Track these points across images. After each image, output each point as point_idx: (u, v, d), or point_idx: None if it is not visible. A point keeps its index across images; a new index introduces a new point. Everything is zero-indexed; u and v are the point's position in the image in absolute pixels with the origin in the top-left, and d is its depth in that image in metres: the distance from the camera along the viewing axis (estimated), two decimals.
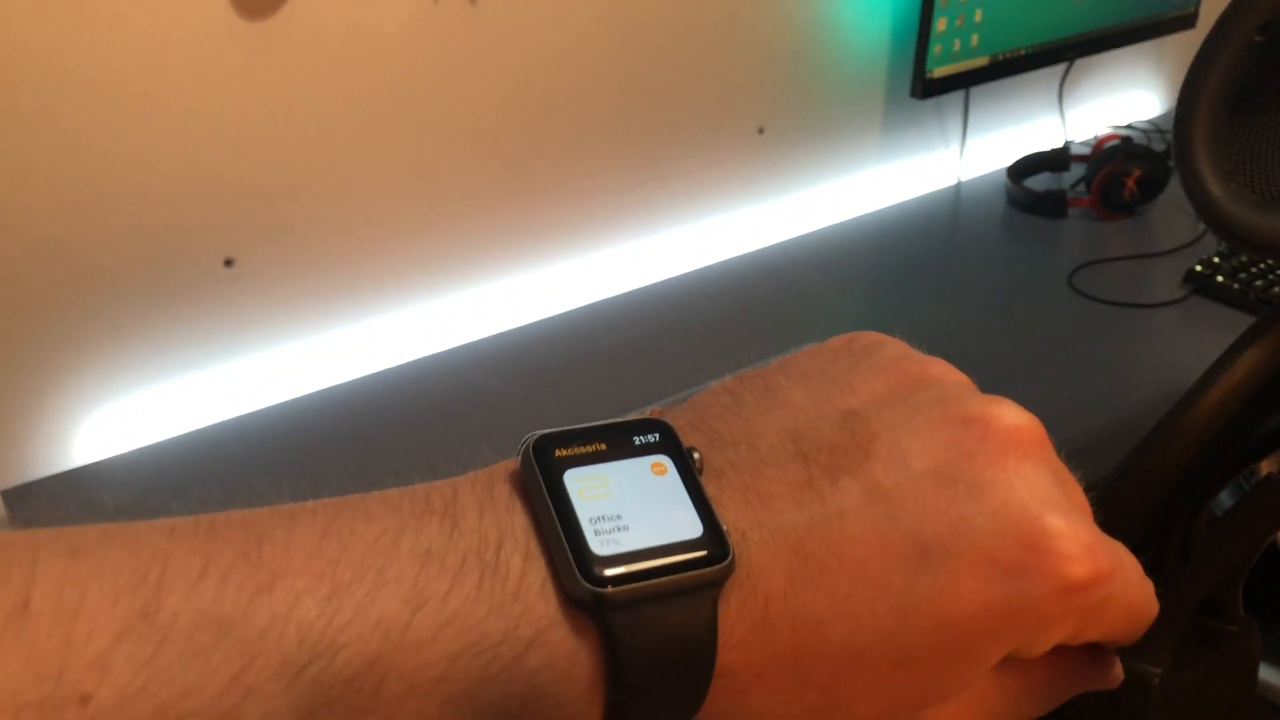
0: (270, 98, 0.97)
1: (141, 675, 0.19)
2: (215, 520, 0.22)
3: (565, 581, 0.22)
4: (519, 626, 0.22)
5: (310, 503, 0.23)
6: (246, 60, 0.95)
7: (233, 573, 0.21)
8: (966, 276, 1.31)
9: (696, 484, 0.24)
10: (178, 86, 0.92)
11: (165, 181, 0.95)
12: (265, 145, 0.99)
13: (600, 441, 0.25)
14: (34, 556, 0.20)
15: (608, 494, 0.24)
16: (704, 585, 0.23)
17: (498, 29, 1.07)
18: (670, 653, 0.23)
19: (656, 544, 0.23)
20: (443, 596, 0.22)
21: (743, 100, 1.30)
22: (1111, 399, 1.02)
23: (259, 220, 1.01)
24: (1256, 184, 0.68)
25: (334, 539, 0.22)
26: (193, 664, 0.20)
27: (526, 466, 0.24)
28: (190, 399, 1.02)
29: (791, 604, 0.23)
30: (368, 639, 0.21)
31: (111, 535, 0.21)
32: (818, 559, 0.23)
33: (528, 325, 1.19)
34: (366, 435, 1.01)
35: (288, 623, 0.20)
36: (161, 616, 0.20)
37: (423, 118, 1.07)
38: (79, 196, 0.91)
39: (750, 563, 0.24)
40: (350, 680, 0.20)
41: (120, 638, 0.19)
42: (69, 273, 0.93)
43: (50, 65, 0.86)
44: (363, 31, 1.00)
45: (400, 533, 0.22)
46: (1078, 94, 1.64)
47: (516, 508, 0.24)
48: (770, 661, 0.23)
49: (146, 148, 0.93)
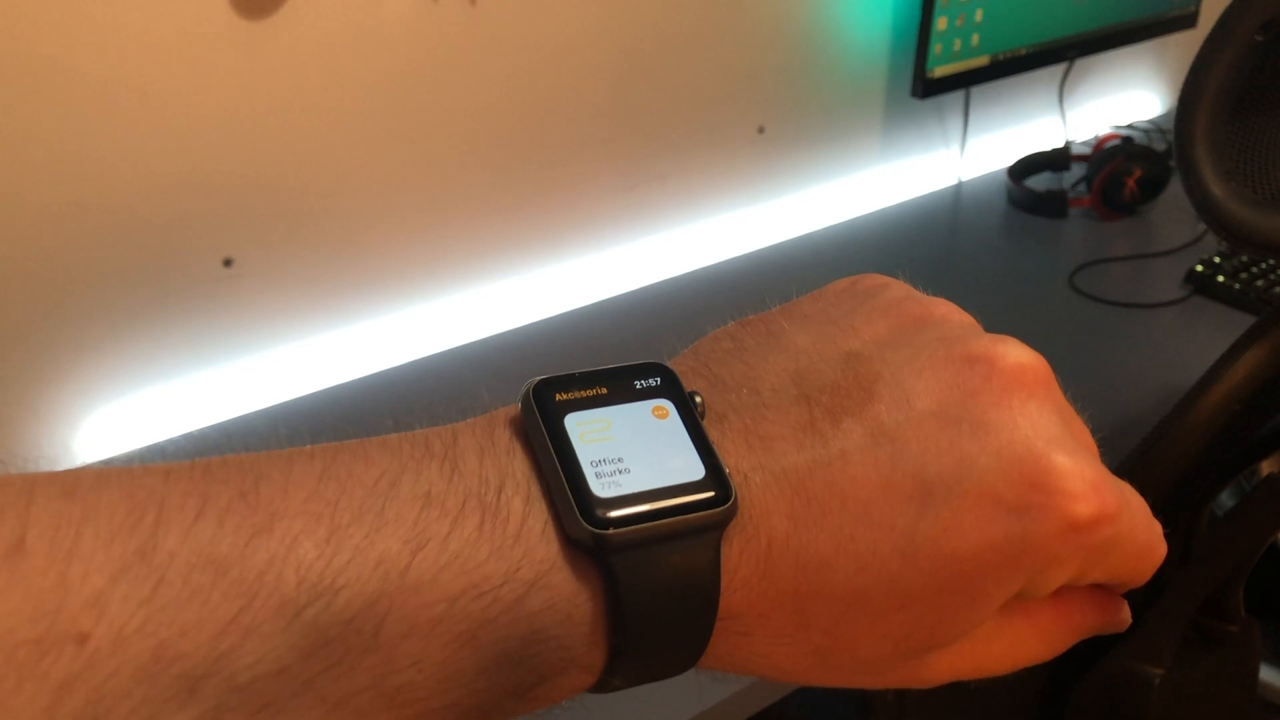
0: (270, 97, 0.97)
1: (139, 615, 0.19)
2: (211, 463, 0.22)
3: (566, 523, 0.22)
4: (520, 569, 0.22)
5: (308, 446, 0.23)
6: (246, 60, 0.94)
7: (230, 513, 0.20)
8: (967, 276, 1.31)
9: (698, 427, 0.24)
10: (177, 86, 0.92)
11: (164, 181, 0.95)
12: (265, 145, 0.98)
13: (601, 385, 0.25)
14: (29, 497, 0.20)
15: (609, 437, 0.24)
16: (706, 527, 0.23)
17: (497, 29, 1.07)
18: (672, 595, 0.22)
19: (658, 486, 0.23)
20: (443, 538, 0.21)
21: (743, 100, 1.30)
22: (1112, 399, 1.02)
23: (258, 220, 1.01)
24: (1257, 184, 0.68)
25: (332, 481, 0.22)
26: (190, 604, 0.19)
27: (527, 410, 0.24)
28: (190, 399, 1.02)
29: (794, 545, 0.23)
30: (367, 580, 0.21)
31: (107, 477, 0.21)
32: (820, 500, 0.23)
33: (527, 326, 1.18)
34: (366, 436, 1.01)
35: (286, 563, 0.20)
36: (158, 557, 0.19)
37: (422, 117, 1.07)
38: (78, 196, 0.91)
39: (752, 505, 0.23)
40: (350, 621, 0.20)
41: (117, 577, 0.19)
42: (68, 273, 0.93)
43: (49, 65, 0.86)
44: (362, 31, 1.00)
45: (399, 475, 0.22)
46: (1078, 94, 1.64)
47: (517, 451, 0.24)
48: (773, 603, 0.23)
49: (145, 147, 0.93)
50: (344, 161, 1.04)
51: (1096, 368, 1.10)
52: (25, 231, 0.90)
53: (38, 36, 0.85)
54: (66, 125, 0.88)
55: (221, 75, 0.94)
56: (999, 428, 0.23)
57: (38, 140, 0.88)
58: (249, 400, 1.05)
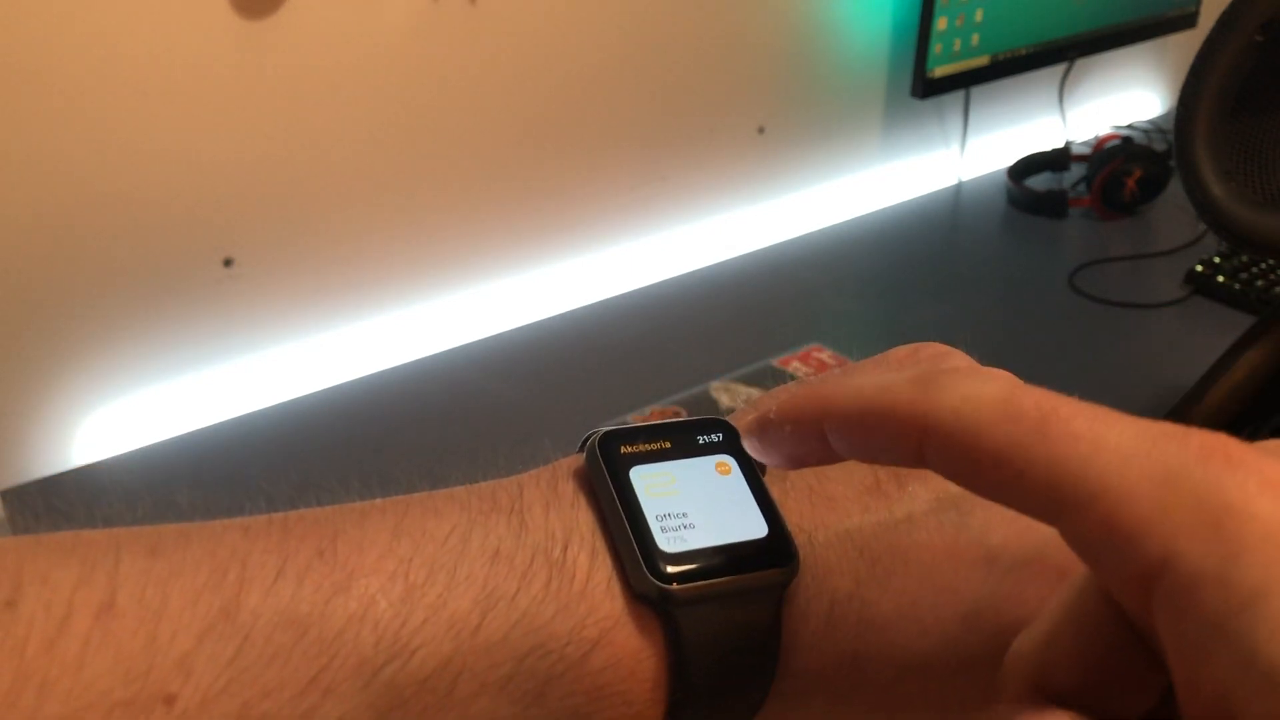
0: (270, 97, 0.97)
1: (224, 676, 0.19)
2: (289, 518, 0.22)
3: (632, 578, 0.22)
4: (585, 626, 0.22)
5: (379, 500, 0.24)
6: (246, 60, 0.94)
7: (309, 572, 0.21)
8: (967, 276, 1.31)
9: (760, 484, 0.24)
10: (177, 86, 0.92)
11: (164, 181, 0.95)
12: (265, 145, 0.98)
13: (665, 439, 0.25)
14: (117, 555, 0.20)
15: (673, 492, 0.24)
16: (770, 586, 0.23)
17: (498, 29, 1.07)
18: (734, 652, 0.23)
19: (723, 543, 0.23)
20: (511, 597, 0.22)
21: (743, 100, 1.30)
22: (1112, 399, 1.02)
23: (258, 220, 1.01)
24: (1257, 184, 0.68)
25: (406, 537, 0.22)
26: (273, 664, 0.20)
27: (592, 463, 0.24)
28: (190, 399, 1.02)
29: (856, 606, 0.23)
30: (441, 640, 0.21)
31: (189, 535, 0.21)
32: (884, 563, 0.23)
33: (528, 325, 1.18)
34: (366, 435, 1.01)
35: (364, 623, 0.21)
36: (242, 616, 0.20)
37: (422, 118, 1.07)
38: (78, 196, 0.91)
39: (816, 564, 0.24)
40: (425, 681, 0.21)
41: (203, 637, 0.20)
42: (69, 273, 0.93)
43: (49, 65, 0.86)
44: (363, 31, 1.00)
45: (470, 530, 0.23)
46: (1078, 94, 1.64)
47: (581, 504, 0.24)
48: (833, 663, 0.23)
49: (146, 147, 0.93)
50: (344, 161, 1.04)
51: (1096, 368, 1.10)
52: (26, 232, 0.90)
53: (38, 37, 0.85)
54: (67, 125, 0.88)
55: (221, 75, 0.94)
56: None
57: (38, 140, 0.88)
58: (249, 400, 1.05)
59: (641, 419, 0.98)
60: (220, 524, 0.22)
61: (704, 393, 1.01)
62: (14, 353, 0.93)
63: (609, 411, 0.99)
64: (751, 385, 1.02)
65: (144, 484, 0.93)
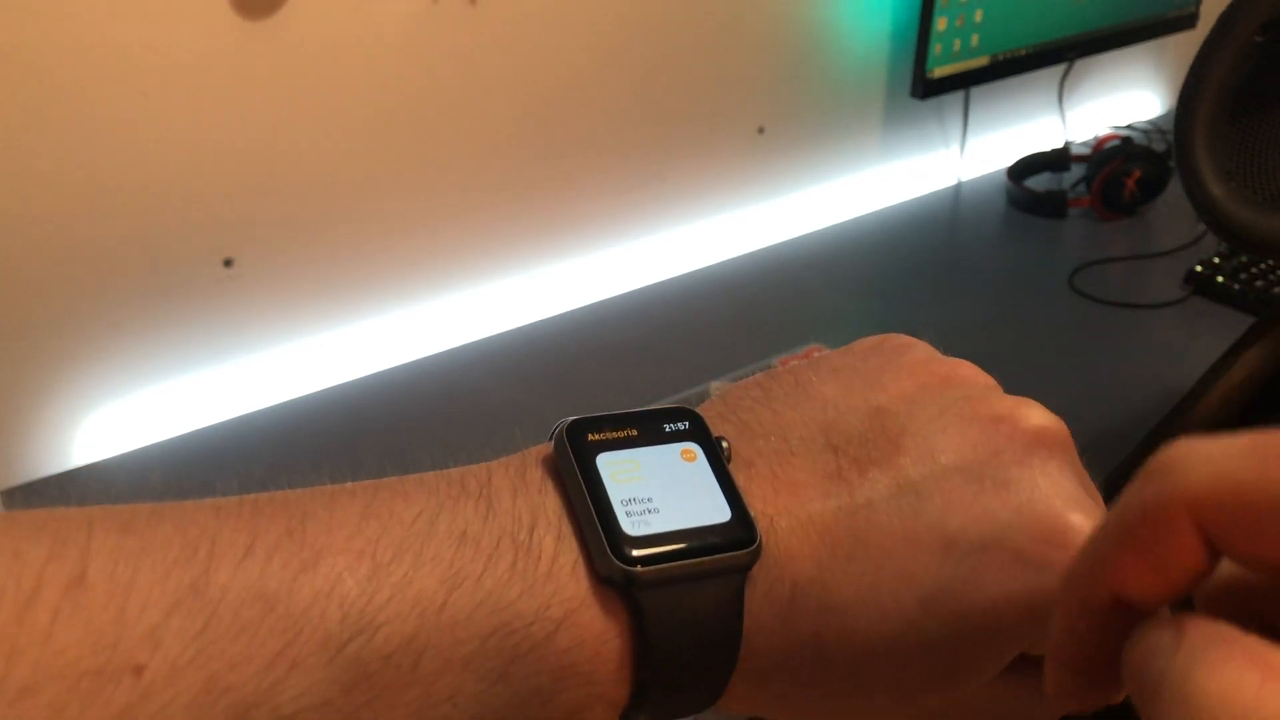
0: (270, 98, 0.97)
1: (192, 648, 0.20)
2: (259, 499, 0.23)
3: (597, 561, 0.23)
4: (550, 607, 0.22)
5: (349, 484, 0.24)
6: (246, 60, 0.95)
7: (278, 550, 0.21)
8: (966, 277, 1.31)
9: (725, 471, 0.25)
10: (177, 86, 0.92)
11: (165, 181, 0.95)
12: (265, 145, 0.99)
13: (631, 427, 0.25)
14: (89, 531, 0.21)
15: (639, 478, 0.24)
16: (732, 569, 0.23)
17: (498, 29, 1.07)
18: (697, 633, 0.23)
19: (686, 526, 0.24)
20: (477, 577, 0.22)
21: (743, 100, 1.30)
22: (1111, 399, 1.02)
23: (258, 220, 1.01)
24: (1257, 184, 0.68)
25: (374, 519, 0.23)
26: (240, 638, 0.20)
27: (560, 449, 0.25)
28: (190, 399, 1.02)
29: (817, 590, 0.24)
30: (406, 617, 0.21)
31: (161, 513, 0.22)
32: (845, 547, 0.24)
33: (527, 325, 1.18)
34: (366, 435, 1.01)
35: (330, 600, 0.21)
36: (211, 591, 0.20)
37: (422, 118, 1.07)
38: (78, 196, 0.91)
39: (778, 548, 0.24)
40: (389, 656, 0.21)
41: (171, 611, 0.20)
42: (69, 273, 0.93)
43: (50, 65, 0.86)
44: (363, 31, 1.00)
45: (437, 514, 0.23)
46: (1078, 94, 1.64)
47: (549, 490, 0.24)
48: (794, 645, 0.24)
49: (146, 148, 0.93)
50: (344, 162, 1.04)
51: (1096, 368, 1.10)
52: (26, 232, 0.90)
53: (38, 37, 0.85)
54: (67, 126, 0.88)
55: (222, 76, 0.94)
56: (1020, 485, 0.24)
57: (38, 141, 0.88)
58: (249, 400, 1.05)
59: None
60: (192, 503, 0.22)
61: (704, 393, 1.01)
62: (14, 353, 0.93)
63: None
64: None
65: (144, 484, 0.94)
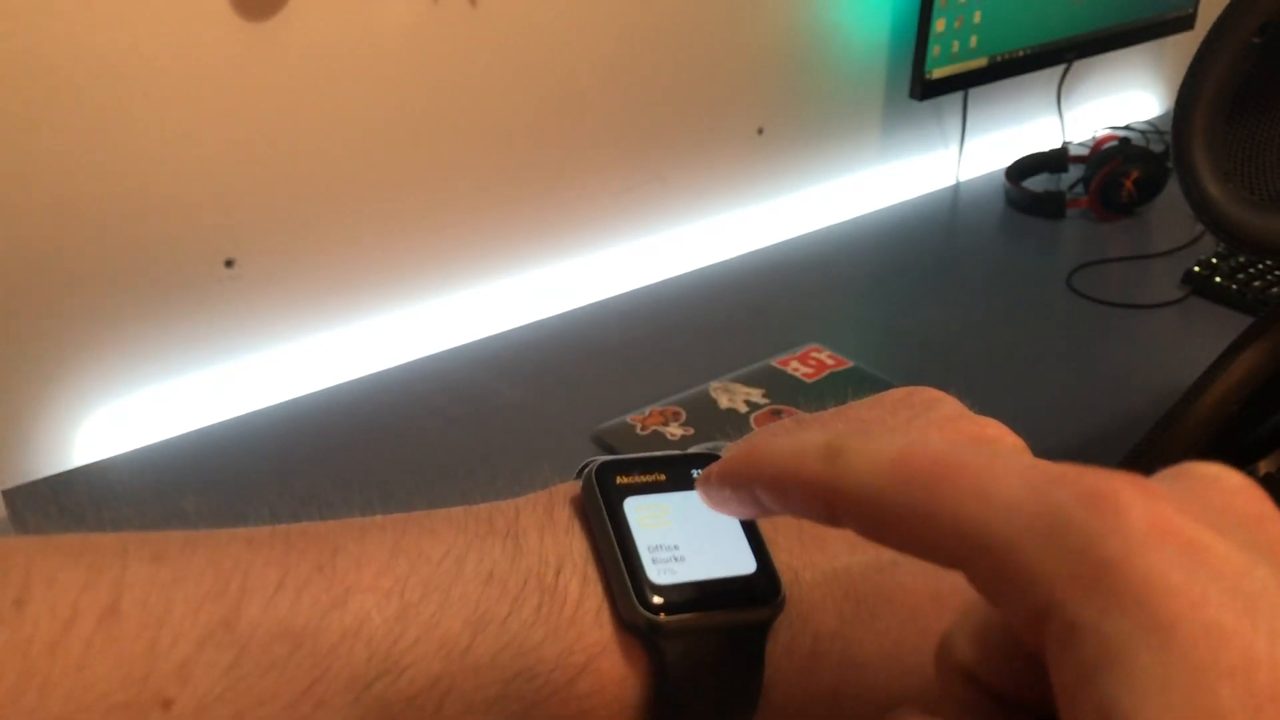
0: (270, 98, 0.97)
1: (221, 683, 0.20)
2: (290, 531, 0.23)
3: (621, 607, 0.23)
4: (573, 653, 0.23)
5: (379, 517, 0.24)
6: (246, 60, 0.95)
7: (308, 586, 0.21)
8: (965, 277, 1.32)
9: (752, 521, 0.25)
10: (178, 87, 0.92)
11: (165, 182, 0.95)
12: (265, 146, 0.99)
13: (660, 472, 0.25)
14: (123, 560, 0.21)
15: (666, 524, 0.24)
16: (755, 622, 0.24)
17: (498, 29, 1.07)
18: (717, 684, 0.23)
19: (712, 577, 0.24)
20: (503, 620, 0.22)
21: (743, 100, 1.30)
22: (1110, 399, 1.03)
23: (259, 221, 1.01)
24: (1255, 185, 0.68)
25: (403, 556, 0.23)
26: (269, 674, 0.20)
27: (588, 491, 0.25)
28: (190, 399, 1.03)
29: (840, 645, 0.24)
30: (431, 659, 0.22)
31: (195, 543, 0.22)
32: (869, 603, 0.24)
33: (527, 325, 1.19)
34: (366, 436, 1.01)
35: (358, 639, 0.21)
36: (241, 626, 0.20)
37: (422, 118, 1.07)
38: (79, 197, 0.91)
39: (801, 602, 0.24)
40: (413, 698, 0.21)
41: (203, 644, 0.20)
42: (69, 273, 0.93)
43: (50, 66, 0.86)
44: (363, 32, 1.00)
45: (465, 552, 0.23)
46: (1076, 95, 1.64)
47: (576, 532, 0.24)
48: (812, 698, 0.24)
49: (147, 149, 0.93)
50: (344, 162, 1.04)
51: (1094, 368, 1.10)
52: (26, 232, 0.90)
53: (38, 38, 0.85)
54: (68, 126, 0.89)
55: (222, 77, 0.94)
56: None
57: (39, 141, 0.88)
58: (250, 400, 1.05)
59: (640, 419, 0.98)
60: (225, 533, 0.22)
61: (703, 393, 1.01)
62: (14, 353, 0.93)
63: (609, 411, 1.00)
64: (751, 385, 1.02)
65: (144, 484, 0.94)
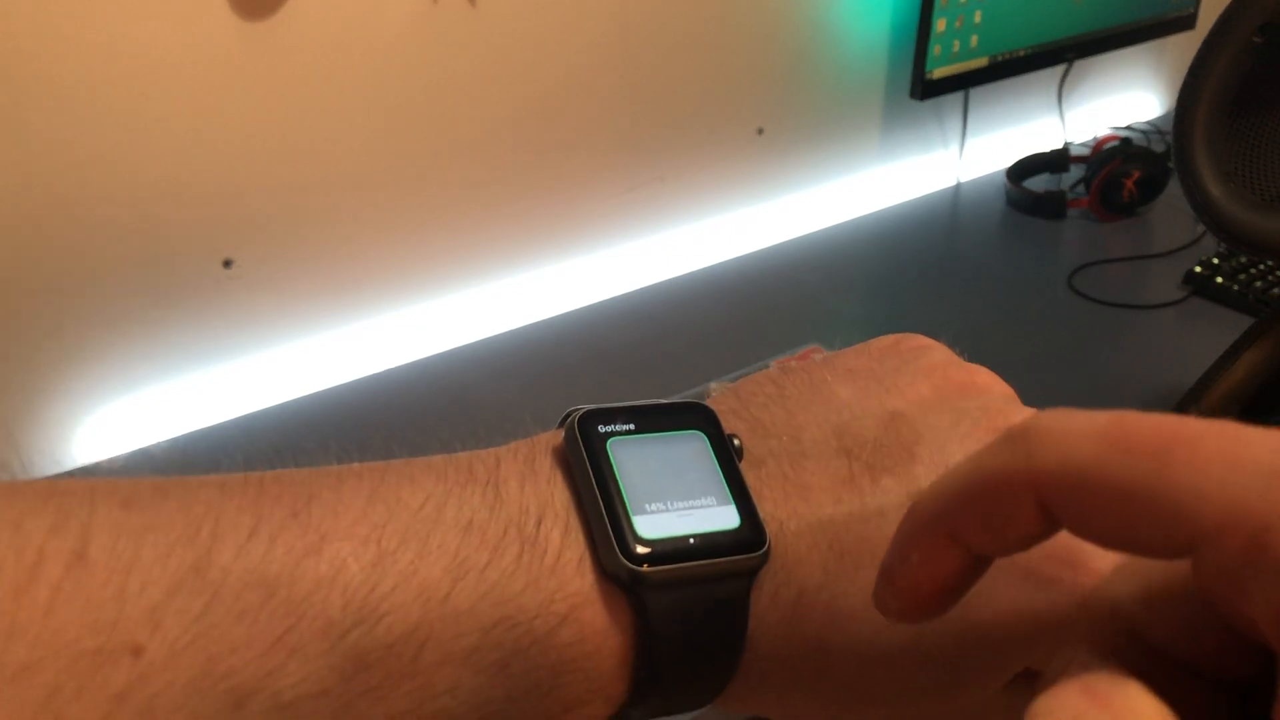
0: (269, 98, 0.97)
1: (191, 630, 0.19)
2: (265, 478, 0.22)
3: (603, 558, 0.23)
4: (554, 602, 0.22)
5: (356, 465, 0.24)
6: (246, 60, 0.95)
7: (282, 532, 0.21)
8: (966, 277, 1.32)
9: (736, 470, 0.25)
10: (177, 87, 0.92)
11: (165, 182, 0.95)
12: (264, 146, 0.99)
13: (644, 421, 0.25)
14: (91, 506, 0.20)
15: (649, 474, 0.24)
16: (739, 573, 0.23)
17: (497, 29, 1.07)
18: (700, 635, 0.23)
19: (695, 529, 0.23)
20: (482, 569, 0.22)
21: (742, 100, 1.30)
22: (1111, 400, 1.03)
23: (258, 221, 1.01)
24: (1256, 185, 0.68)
25: (380, 503, 0.22)
26: (240, 621, 0.20)
27: (571, 440, 0.24)
28: (190, 399, 1.02)
29: (824, 597, 0.24)
30: (409, 608, 0.21)
31: (165, 489, 0.21)
32: (854, 554, 0.24)
33: (528, 325, 1.19)
34: (366, 436, 1.01)
35: (333, 586, 0.21)
36: (212, 573, 0.20)
37: (422, 118, 1.07)
38: (79, 197, 0.91)
39: (786, 553, 0.24)
40: (390, 646, 0.21)
41: (173, 591, 0.20)
42: (69, 273, 0.93)
43: (50, 66, 0.86)
44: (362, 31, 1.00)
45: (444, 500, 0.23)
46: (1077, 95, 1.64)
47: (558, 481, 0.24)
48: (796, 651, 0.24)
49: (146, 148, 0.93)
50: (344, 162, 1.04)
51: (1095, 369, 1.10)
52: (26, 232, 0.90)
53: (38, 38, 0.85)
54: (67, 126, 0.88)
55: (221, 76, 0.94)
56: None
57: (39, 141, 0.88)
58: (249, 400, 1.05)
59: None
60: (197, 480, 0.22)
61: (703, 393, 1.01)
62: (14, 353, 0.93)
63: None
64: None
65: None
